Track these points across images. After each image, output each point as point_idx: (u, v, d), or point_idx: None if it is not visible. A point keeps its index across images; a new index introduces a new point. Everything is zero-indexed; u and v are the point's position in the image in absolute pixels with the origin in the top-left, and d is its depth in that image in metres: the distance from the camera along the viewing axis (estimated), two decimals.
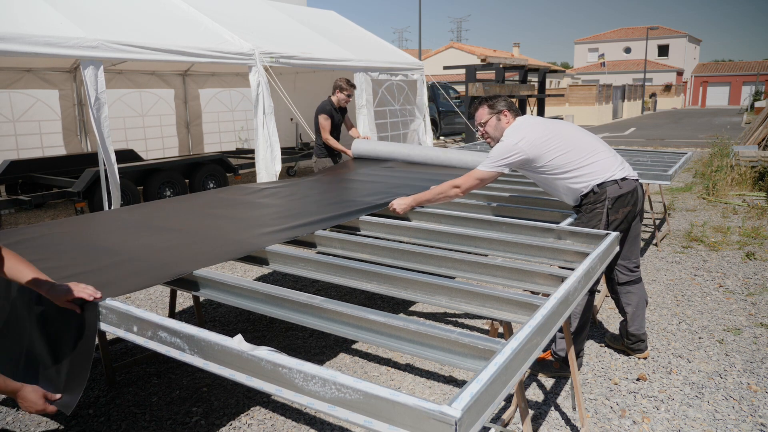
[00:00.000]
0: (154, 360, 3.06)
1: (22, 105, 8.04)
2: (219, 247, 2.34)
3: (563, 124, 2.86)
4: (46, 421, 2.50)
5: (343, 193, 3.53)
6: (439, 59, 36.22)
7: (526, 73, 14.37)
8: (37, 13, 5.06)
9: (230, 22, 7.05)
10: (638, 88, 34.38)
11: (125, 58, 5.36)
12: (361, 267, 2.09)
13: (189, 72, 9.93)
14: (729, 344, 3.16)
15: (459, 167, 4.32)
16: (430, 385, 2.77)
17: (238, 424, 2.46)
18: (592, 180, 2.67)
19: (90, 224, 2.84)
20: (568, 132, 2.78)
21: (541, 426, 2.42)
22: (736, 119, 26.20)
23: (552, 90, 25.44)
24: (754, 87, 38.35)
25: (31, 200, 6.12)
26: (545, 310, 1.58)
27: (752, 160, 7.99)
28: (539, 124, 2.80)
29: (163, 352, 1.55)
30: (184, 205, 3.27)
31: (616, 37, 53.49)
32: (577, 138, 2.76)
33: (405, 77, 9.08)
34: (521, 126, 2.79)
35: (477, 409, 1.14)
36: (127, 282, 1.92)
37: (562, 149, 2.68)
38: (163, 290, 4.20)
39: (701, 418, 2.45)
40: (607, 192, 2.65)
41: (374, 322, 1.62)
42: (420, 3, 20.09)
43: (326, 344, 3.24)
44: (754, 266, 4.54)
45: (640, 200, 2.79)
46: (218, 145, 10.56)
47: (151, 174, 6.93)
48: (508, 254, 2.42)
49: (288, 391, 1.28)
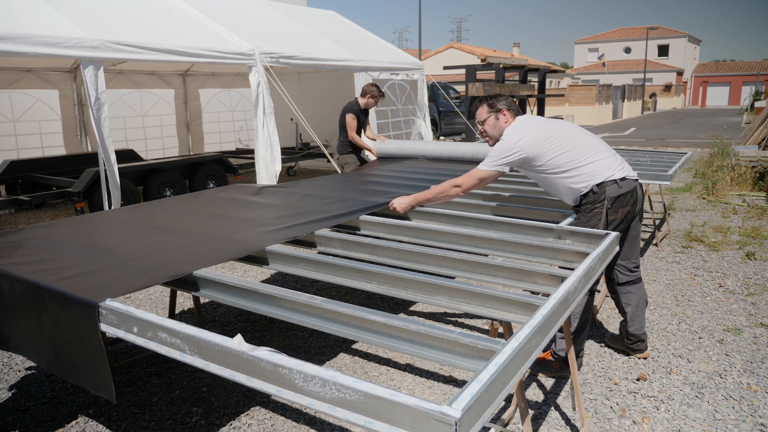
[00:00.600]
0: (154, 360, 3.06)
1: (22, 105, 8.04)
2: (219, 247, 2.34)
3: (563, 124, 2.86)
4: (46, 421, 2.50)
5: (344, 192, 3.53)
6: (439, 59, 36.23)
7: (526, 73, 14.36)
8: (37, 13, 5.06)
9: (230, 22, 7.05)
10: (638, 88, 34.37)
11: (125, 58, 5.36)
12: (361, 267, 2.09)
13: (189, 72, 9.93)
14: (729, 344, 3.16)
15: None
16: (430, 385, 2.77)
17: (238, 424, 2.47)
18: (591, 180, 2.67)
19: (90, 224, 2.84)
20: (568, 131, 2.78)
21: (541, 426, 2.42)
22: (736, 119, 26.20)
23: (552, 90, 25.44)
24: (754, 87, 38.34)
25: (31, 200, 6.11)
26: (545, 310, 1.58)
27: (752, 160, 7.99)
28: (539, 123, 2.80)
29: (164, 352, 1.55)
30: (184, 205, 3.27)
31: (616, 37, 53.49)
32: (577, 138, 2.77)
33: (405, 77, 9.08)
34: (521, 125, 2.79)
35: (477, 409, 1.14)
36: (127, 282, 1.92)
37: (562, 148, 2.68)
38: (163, 290, 4.20)
39: (701, 418, 2.45)
40: (606, 192, 2.65)
41: (374, 322, 1.62)
42: (420, 3, 20.10)
43: (326, 344, 3.24)
44: (754, 266, 4.54)
45: (640, 200, 2.79)
46: (218, 145, 10.56)
47: (151, 174, 6.93)
48: (508, 254, 2.42)
49: (288, 392, 1.28)
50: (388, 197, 3.18)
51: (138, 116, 9.40)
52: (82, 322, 1.74)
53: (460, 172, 4.38)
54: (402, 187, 3.64)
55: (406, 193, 3.28)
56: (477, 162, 4.68)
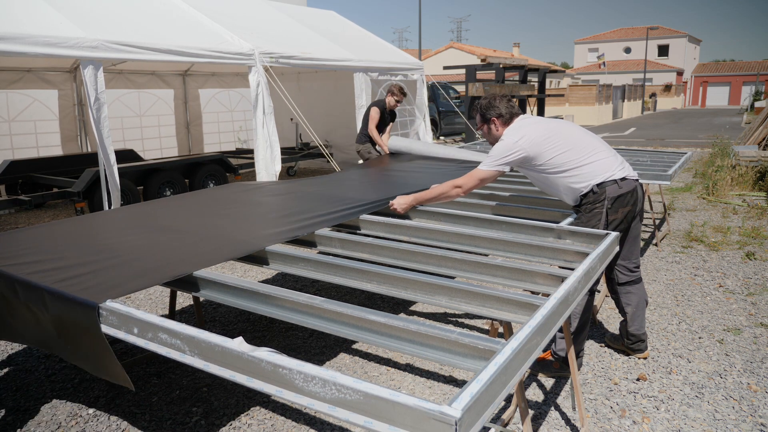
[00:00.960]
0: (154, 360, 3.06)
1: (21, 105, 8.03)
2: (219, 247, 2.34)
3: (564, 124, 2.86)
4: (45, 421, 2.50)
5: (345, 192, 3.53)
6: (439, 59, 36.22)
7: (526, 73, 14.36)
8: (37, 13, 5.06)
9: (230, 22, 7.05)
10: (638, 88, 34.37)
11: (125, 58, 5.36)
12: (361, 267, 2.09)
13: (189, 72, 9.93)
14: (729, 344, 3.16)
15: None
16: (430, 385, 2.77)
17: (238, 424, 2.46)
18: (591, 179, 2.67)
19: (90, 224, 2.84)
20: (568, 131, 2.78)
21: (541, 426, 2.42)
22: (736, 119, 26.21)
23: (552, 90, 25.44)
24: (754, 87, 38.34)
25: (31, 200, 6.11)
26: (545, 310, 1.58)
27: (752, 160, 7.99)
28: (539, 123, 2.81)
29: (164, 353, 1.55)
30: (184, 204, 3.27)
31: (616, 37, 53.49)
32: (577, 137, 2.77)
33: (405, 77, 9.08)
34: (522, 125, 2.79)
35: (477, 409, 1.14)
36: (128, 283, 1.92)
37: (562, 148, 2.68)
38: (163, 290, 4.20)
39: (701, 418, 2.45)
40: (606, 192, 2.65)
41: (374, 322, 1.62)
42: (420, 3, 20.10)
43: (326, 344, 3.24)
44: (754, 266, 4.54)
45: (640, 200, 2.79)
46: (218, 145, 10.56)
47: (151, 174, 6.93)
48: (508, 254, 2.42)
49: (288, 392, 1.28)
50: (389, 196, 3.18)
51: (137, 116, 9.40)
52: (83, 322, 1.74)
53: (466, 171, 4.39)
54: (404, 186, 3.64)
55: (406, 193, 3.28)
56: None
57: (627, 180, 2.70)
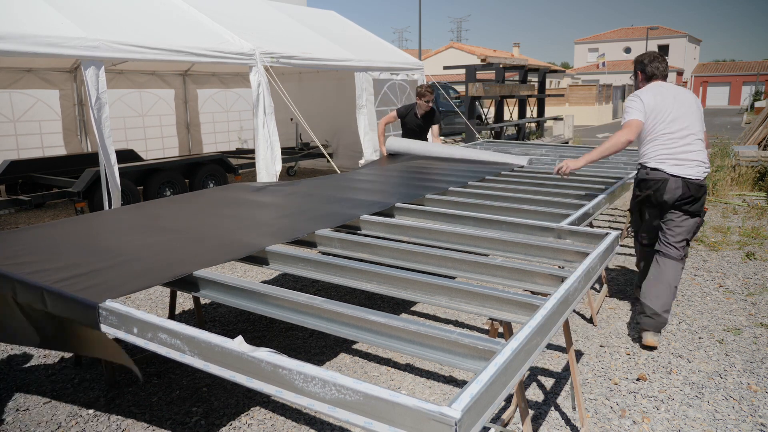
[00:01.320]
0: (154, 360, 3.06)
1: (22, 105, 8.04)
2: (219, 247, 2.34)
3: (682, 103, 3.14)
4: (45, 421, 2.51)
5: (344, 192, 3.53)
6: (439, 59, 36.23)
7: (526, 73, 14.36)
8: (37, 13, 5.06)
9: (230, 22, 7.06)
10: None
11: (126, 58, 5.36)
12: (361, 267, 2.09)
13: (189, 72, 9.93)
14: (729, 344, 3.16)
15: (490, 162, 4.95)
16: (430, 386, 2.77)
17: (238, 424, 2.47)
18: (644, 157, 3.19)
19: (90, 224, 2.84)
20: (678, 113, 3.11)
21: (541, 426, 2.42)
22: (736, 119, 26.20)
23: (552, 90, 25.43)
24: (754, 87, 38.34)
25: (31, 200, 6.11)
26: (545, 310, 1.59)
27: (752, 160, 7.99)
28: (659, 95, 3.14)
29: (164, 353, 1.55)
30: (184, 204, 3.27)
31: (616, 37, 53.48)
32: (681, 121, 3.10)
33: (405, 77, 9.08)
34: (648, 88, 3.20)
35: (477, 409, 1.14)
36: (128, 283, 1.92)
37: (664, 120, 3.09)
38: (163, 290, 4.20)
39: (701, 418, 2.45)
40: (638, 173, 3.25)
41: (374, 322, 1.62)
42: (420, 3, 20.11)
43: (326, 344, 3.24)
44: (754, 266, 4.54)
45: (669, 193, 3.09)
46: (218, 145, 10.56)
47: (152, 174, 6.93)
48: (508, 254, 2.42)
49: (288, 393, 1.28)
50: (390, 198, 3.18)
51: (138, 116, 9.40)
52: (83, 322, 1.74)
53: (465, 171, 4.40)
54: (403, 187, 3.65)
55: (406, 193, 3.28)
56: (481, 163, 4.83)
57: (659, 171, 3.09)
